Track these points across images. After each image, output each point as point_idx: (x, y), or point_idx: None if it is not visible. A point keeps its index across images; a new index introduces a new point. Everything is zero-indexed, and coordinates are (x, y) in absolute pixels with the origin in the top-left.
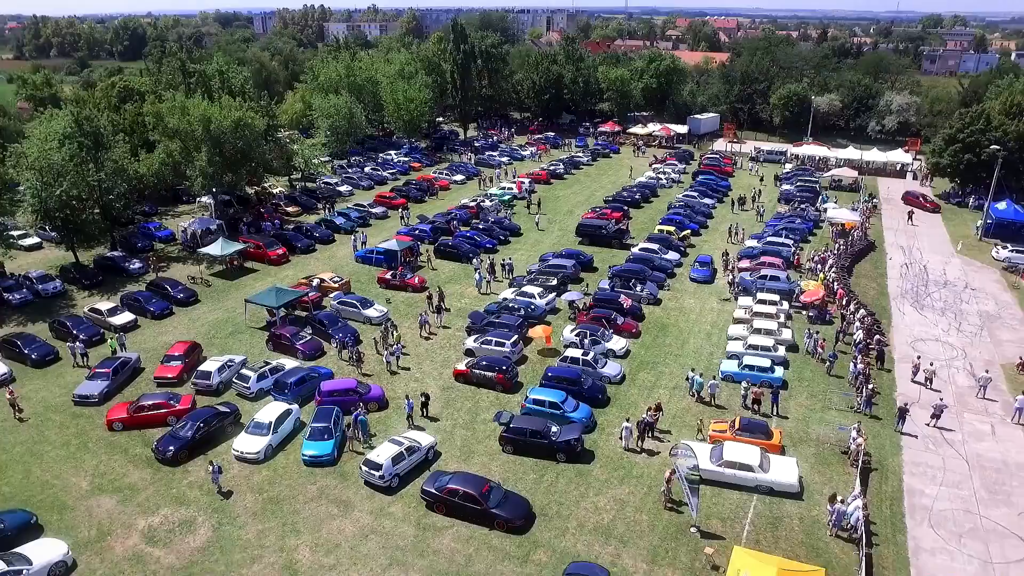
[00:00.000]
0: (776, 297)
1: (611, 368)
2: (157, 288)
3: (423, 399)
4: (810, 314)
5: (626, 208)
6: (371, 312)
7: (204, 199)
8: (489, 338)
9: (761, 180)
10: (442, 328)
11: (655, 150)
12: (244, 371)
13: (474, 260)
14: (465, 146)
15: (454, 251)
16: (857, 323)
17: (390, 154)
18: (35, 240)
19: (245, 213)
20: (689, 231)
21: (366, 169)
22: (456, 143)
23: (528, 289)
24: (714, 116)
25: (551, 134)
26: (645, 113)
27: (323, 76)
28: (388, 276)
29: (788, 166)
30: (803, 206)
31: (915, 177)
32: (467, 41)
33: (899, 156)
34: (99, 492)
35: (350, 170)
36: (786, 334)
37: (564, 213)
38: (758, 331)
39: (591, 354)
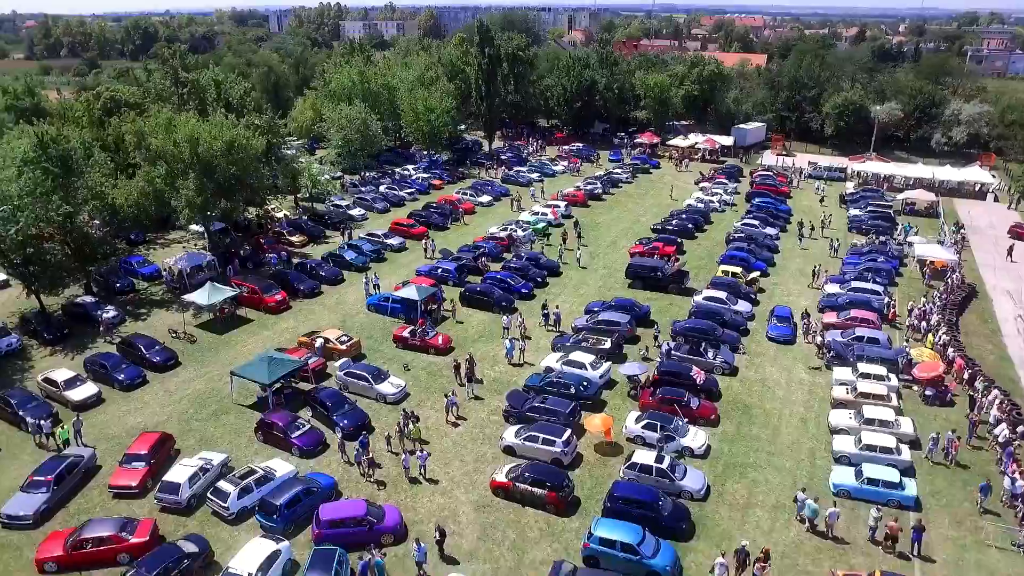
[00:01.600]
0: (882, 370)
1: (693, 478)
2: (129, 348)
3: (438, 535)
4: (926, 393)
5: (679, 240)
6: (385, 387)
7: (196, 227)
8: (535, 434)
9: (822, 201)
10: (474, 399)
11: (698, 164)
12: (222, 483)
13: (504, 318)
14: (491, 160)
15: (484, 298)
16: (994, 411)
17: (408, 169)
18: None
19: (242, 245)
20: (757, 272)
21: (381, 188)
22: (480, 155)
23: (577, 357)
24: (760, 126)
25: (579, 144)
26: (685, 122)
27: (335, 82)
28: (406, 334)
29: (850, 185)
30: (882, 238)
31: (996, 199)
32: (493, 44)
33: (976, 174)
34: None
35: (363, 189)
36: (905, 426)
37: (607, 245)
38: (870, 422)
39: (666, 458)
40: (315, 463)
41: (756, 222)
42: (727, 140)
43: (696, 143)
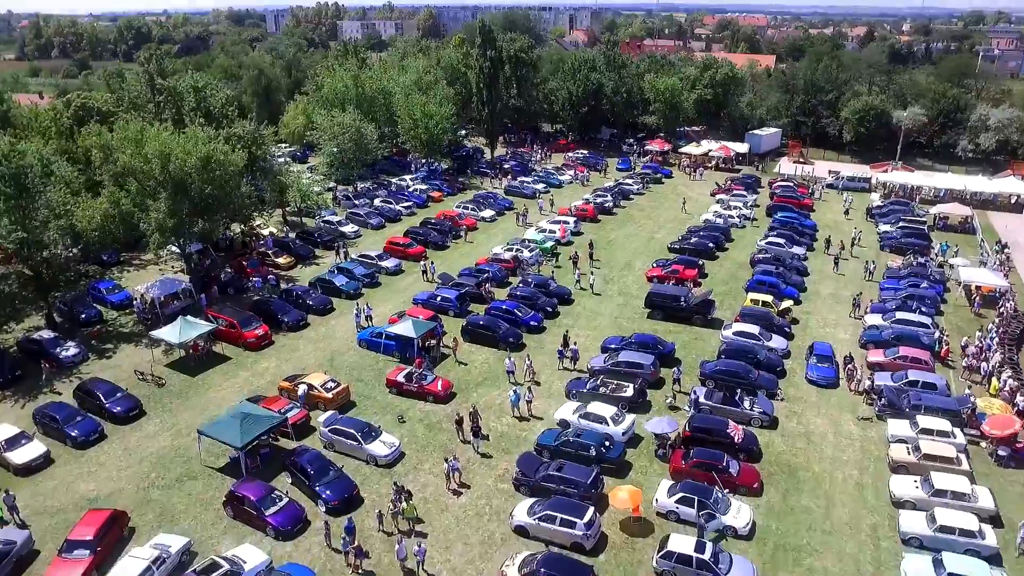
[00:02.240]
0: (946, 424)
1: (741, 570)
2: (87, 396)
3: None
4: (999, 453)
5: (700, 262)
6: (377, 447)
7: (173, 247)
8: (551, 513)
9: (847, 215)
10: (480, 455)
11: (712, 173)
12: None
13: (507, 360)
14: (494, 169)
15: (488, 333)
16: None
17: (405, 179)
18: None
19: (223, 267)
20: (790, 301)
21: (376, 201)
22: (482, 164)
23: (597, 409)
24: (775, 132)
25: (584, 152)
26: (696, 128)
27: (327, 87)
28: (401, 378)
29: (875, 197)
30: (920, 259)
31: None
32: (495, 45)
33: (1012, 185)
34: None
35: (356, 202)
36: (983, 498)
37: (621, 266)
38: (941, 494)
39: (707, 545)
40: (293, 547)
41: (781, 240)
42: (742, 147)
43: (709, 150)
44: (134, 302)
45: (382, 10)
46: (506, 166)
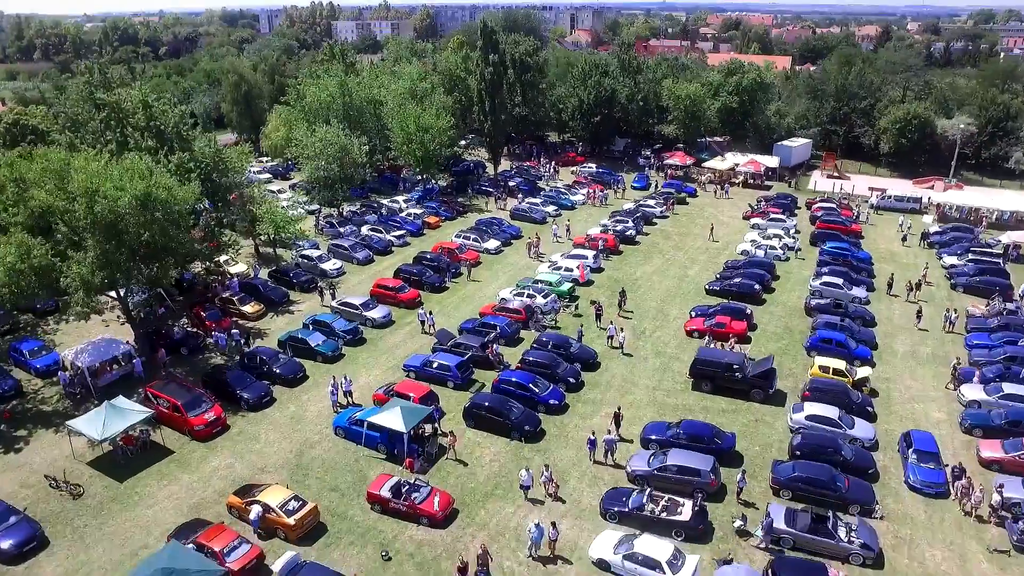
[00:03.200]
0: None
1: None
2: None
3: None
4: None
5: (748, 311)
6: None
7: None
8: None
9: (904, 242)
10: None
11: (738, 191)
12: None
13: (523, 473)
14: (499, 188)
15: (498, 417)
16: None
17: (397, 200)
18: None
19: (178, 320)
20: (868, 369)
21: (363, 228)
22: (484, 181)
23: (647, 548)
24: (805, 142)
25: (593, 166)
26: (719, 139)
27: (310, 96)
28: (386, 493)
29: (928, 219)
30: (1008, 305)
31: None
32: (499, 49)
33: None
34: None
35: (341, 230)
36: None
37: (652, 314)
38: None
39: None
40: None
41: (838, 280)
42: (771, 161)
43: (736, 165)
44: (60, 372)
45: (378, 10)
46: (511, 184)
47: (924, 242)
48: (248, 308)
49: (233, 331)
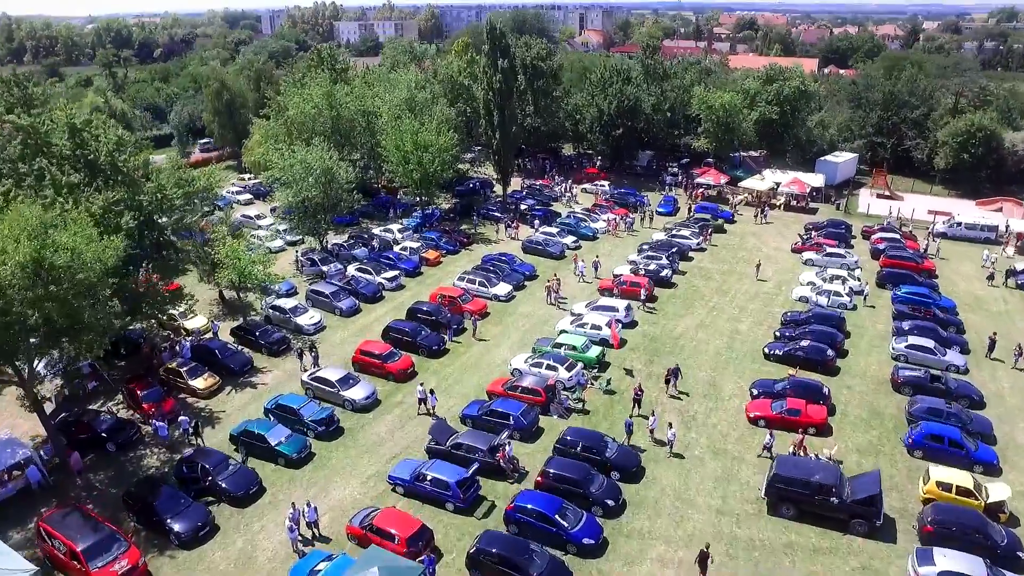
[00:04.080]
0: None
1: None
2: None
3: None
4: None
5: (826, 390)
6: None
7: (40, 366)
8: None
9: (990, 281)
10: None
11: (780, 214)
12: None
13: None
14: (509, 214)
15: (515, 572)
16: None
17: (391, 230)
18: None
19: (111, 399)
20: (1007, 492)
21: (350, 269)
22: (492, 204)
23: None
24: (851, 157)
25: (604, 184)
26: (755, 153)
27: (293, 108)
28: None
29: (1011, 252)
30: None
31: None
32: (508, 53)
33: None
34: None
35: (324, 269)
36: None
37: (703, 391)
38: None
39: None
40: None
41: (927, 341)
42: (815, 179)
43: (777, 184)
44: None
45: (382, 10)
46: (523, 207)
47: (1012, 281)
48: (199, 382)
49: (180, 417)
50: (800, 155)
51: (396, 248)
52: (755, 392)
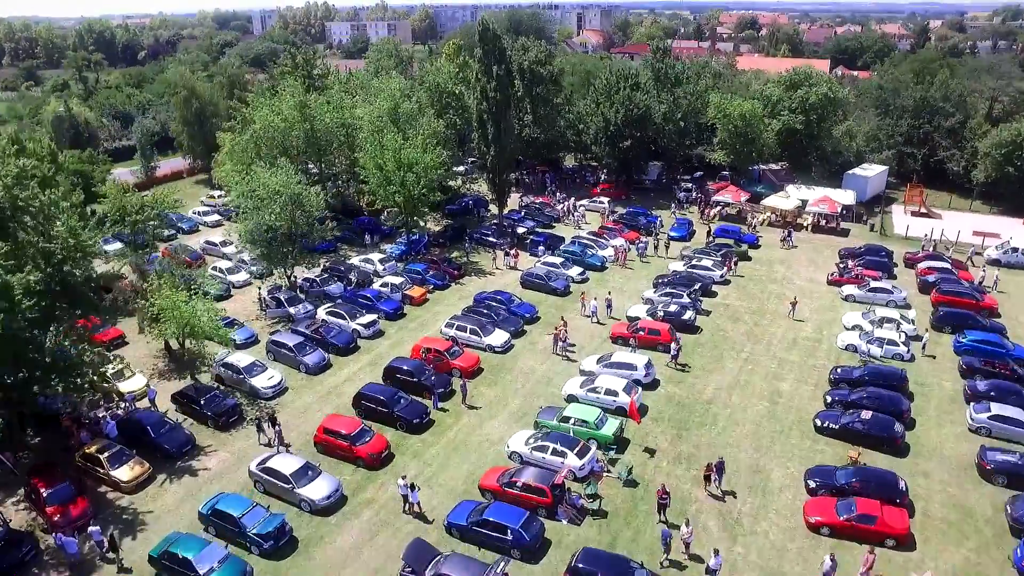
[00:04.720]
0: None
1: None
2: None
3: None
4: None
5: (903, 485)
6: None
7: None
8: None
9: None
10: None
11: (806, 235)
12: None
13: None
14: (505, 239)
15: None
16: None
17: (372, 260)
18: None
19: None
20: None
21: (320, 312)
22: (487, 227)
23: None
24: (881, 170)
25: (604, 200)
26: (775, 166)
27: (260, 121)
28: None
29: None
30: None
31: None
32: (504, 58)
33: None
34: None
35: (293, 310)
36: None
37: (745, 479)
38: None
39: None
40: None
41: (1016, 412)
42: (845, 196)
43: (804, 202)
44: None
45: (375, 10)
46: (520, 231)
47: None
48: (123, 472)
49: (91, 528)
50: (825, 168)
51: (377, 283)
52: (812, 484)
